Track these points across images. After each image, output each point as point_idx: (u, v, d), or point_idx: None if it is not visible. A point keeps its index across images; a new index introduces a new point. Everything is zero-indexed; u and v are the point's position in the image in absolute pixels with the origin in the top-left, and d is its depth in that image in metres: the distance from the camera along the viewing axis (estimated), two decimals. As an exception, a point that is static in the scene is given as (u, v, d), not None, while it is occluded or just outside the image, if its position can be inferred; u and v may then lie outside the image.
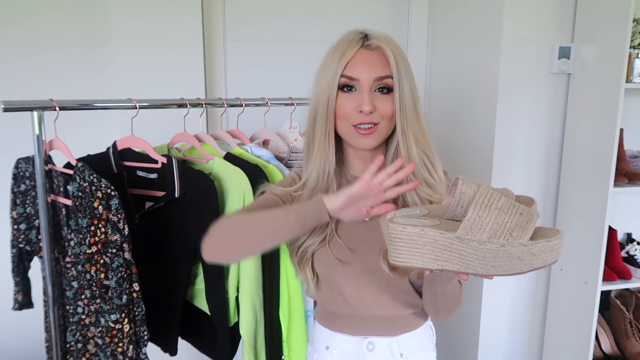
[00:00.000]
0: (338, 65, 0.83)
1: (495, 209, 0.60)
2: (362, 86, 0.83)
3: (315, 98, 0.87)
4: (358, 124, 0.83)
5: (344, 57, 0.83)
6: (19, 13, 1.70)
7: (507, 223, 0.60)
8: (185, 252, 1.16)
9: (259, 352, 1.20)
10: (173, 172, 1.10)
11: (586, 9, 1.64)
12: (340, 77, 0.83)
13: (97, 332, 1.07)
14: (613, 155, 1.51)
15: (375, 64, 0.83)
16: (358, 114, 0.83)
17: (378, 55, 0.83)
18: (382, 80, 0.83)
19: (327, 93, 0.84)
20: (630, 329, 1.80)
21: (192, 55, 1.74)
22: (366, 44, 0.84)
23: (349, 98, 0.84)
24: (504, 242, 0.60)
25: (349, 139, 0.86)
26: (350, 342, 0.93)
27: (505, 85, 1.67)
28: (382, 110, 0.83)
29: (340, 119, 0.85)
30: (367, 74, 0.82)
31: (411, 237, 0.64)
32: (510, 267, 0.61)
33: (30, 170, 1.12)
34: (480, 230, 0.60)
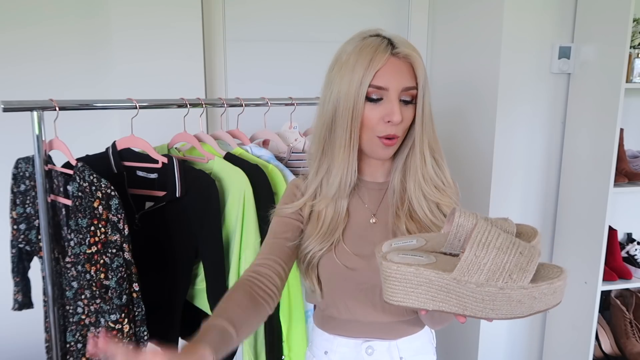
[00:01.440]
0: (366, 72, 0.79)
1: (494, 249, 0.57)
2: (390, 96, 0.80)
3: (332, 103, 0.82)
4: (385, 136, 0.81)
5: (373, 64, 0.78)
6: (19, 14, 1.70)
7: (506, 264, 0.56)
8: (186, 252, 1.16)
9: (259, 352, 1.20)
10: (174, 171, 1.10)
11: (586, 9, 1.64)
12: (369, 87, 0.79)
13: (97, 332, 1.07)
14: (613, 155, 1.51)
15: (404, 74, 0.80)
16: (386, 124, 0.80)
17: (406, 64, 0.81)
18: (408, 91, 0.81)
19: (353, 101, 0.80)
20: (631, 329, 1.80)
21: (192, 55, 1.74)
22: (394, 52, 0.80)
23: (375, 107, 0.81)
24: (503, 285, 0.56)
25: (369, 150, 0.85)
26: (349, 346, 0.92)
27: (505, 85, 1.67)
28: (406, 121, 0.82)
29: (364, 129, 0.82)
30: (396, 83, 0.80)
31: (406, 276, 0.61)
32: (510, 310, 0.57)
33: (30, 170, 1.12)
34: (477, 272, 0.57)
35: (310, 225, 0.89)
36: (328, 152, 0.86)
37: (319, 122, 0.87)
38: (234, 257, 1.16)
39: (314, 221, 0.89)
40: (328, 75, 0.85)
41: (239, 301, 0.75)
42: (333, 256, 0.87)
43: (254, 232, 1.13)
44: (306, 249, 0.88)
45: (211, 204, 1.10)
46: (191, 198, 1.11)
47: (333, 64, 0.84)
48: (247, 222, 1.13)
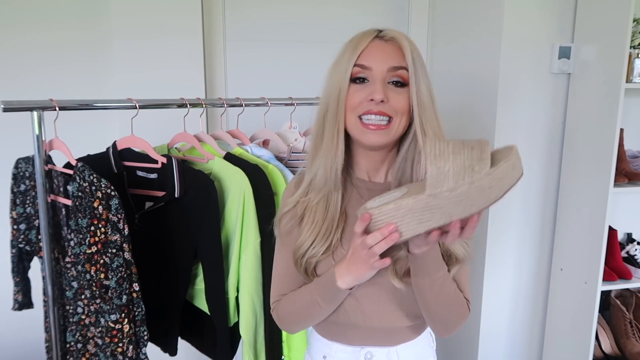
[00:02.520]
0: (351, 56, 0.79)
1: (449, 154, 0.63)
2: (374, 76, 0.78)
3: (325, 94, 0.83)
4: (365, 112, 0.78)
5: (357, 47, 0.79)
6: (19, 15, 1.70)
7: (465, 161, 0.62)
8: (185, 252, 1.16)
9: (259, 352, 1.20)
10: (173, 172, 1.10)
11: (586, 9, 1.64)
12: (353, 67, 0.78)
13: (97, 332, 1.07)
14: (613, 155, 1.51)
15: (390, 54, 0.79)
16: (368, 102, 0.78)
17: (393, 46, 0.80)
18: (397, 71, 0.78)
19: (339, 86, 0.79)
20: (631, 329, 1.80)
21: (192, 55, 1.74)
22: (380, 35, 0.80)
23: (360, 89, 0.79)
24: (470, 179, 0.61)
25: (356, 135, 0.81)
26: (348, 352, 0.91)
27: (505, 85, 1.67)
28: (395, 104, 0.78)
29: (349, 112, 0.80)
30: (380, 63, 0.78)
31: (389, 214, 0.66)
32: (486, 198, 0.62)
33: (30, 170, 1.12)
34: (445, 180, 0.62)
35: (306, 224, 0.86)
36: (319, 143, 0.84)
37: (317, 115, 0.86)
38: (233, 257, 1.16)
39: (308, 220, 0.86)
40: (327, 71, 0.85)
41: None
42: (332, 261, 0.84)
43: (254, 232, 1.13)
44: (303, 252, 0.85)
45: (210, 204, 1.10)
46: (190, 198, 1.11)
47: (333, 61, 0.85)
48: (247, 222, 1.13)
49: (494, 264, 1.81)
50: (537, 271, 1.88)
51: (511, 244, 1.83)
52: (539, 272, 1.88)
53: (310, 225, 0.85)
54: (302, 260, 0.85)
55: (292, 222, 0.88)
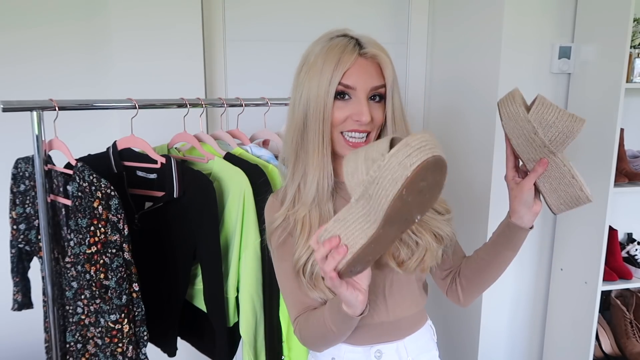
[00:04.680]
0: (334, 73, 0.79)
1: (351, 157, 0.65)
2: (358, 95, 0.81)
3: (302, 106, 0.83)
4: (350, 130, 0.81)
5: (341, 65, 0.79)
6: (19, 14, 1.70)
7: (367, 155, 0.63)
8: (185, 252, 1.16)
9: (259, 352, 1.20)
10: (172, 172, 1.10)
11: (586, 8, 1.64)
12: (338, 85, 0.80)
13: (97, 332, 1.07)
14: (613, 155, 1.51)
15: (372, 74, 0.82)
16: (354, 122, 0.81)
17: (374, 64, 0.82)
18: (377, 89, 0.82)
19: (323, 102, 0.80)
20: (631, 329, 1.80)
21: (192, 56, 1.74)
22: (362, 52, 0.81)
23: (343, 106, 0.81)
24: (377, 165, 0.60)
25: (337, 149, 0.84)
26: (358, 352, 0.91)
27: (506, 85, 1.67)
28: (377, 119, 0.83)
29: (333, 129, 0.83)
30: (364, 83, 0.81)
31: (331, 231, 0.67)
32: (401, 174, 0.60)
33: (30, 170, 1.12)
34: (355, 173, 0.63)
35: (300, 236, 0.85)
36: (302, 156, 0.84)
37: (290, 125, 0.86)
38: (233, 257, 1.16)
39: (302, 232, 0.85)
40: (296, 77, 0.86)
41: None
42: None
43: (254, 232, 1.13)
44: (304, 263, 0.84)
45: (209, 204, 1.10)
46: (189, 198, 1.11)
47: (301, 65, 0.86)
48: (247, 222, 1.13)
49: (494, 264, 1.80)
50: (537, 271, 1.88)
51: (511, 244, 1.83)
52: (539, 272, 1.88)
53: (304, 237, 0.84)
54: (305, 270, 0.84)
55: (285, 234, 0.88)
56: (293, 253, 0.85)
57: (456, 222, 0.97)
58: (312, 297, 0.85)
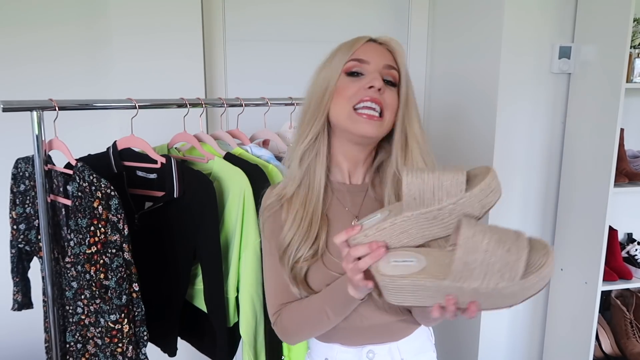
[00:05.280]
0: (345, 54, 0.82)
1: (482, 252, 0.57)
2: (371, 69, 0.81)
3: (310, 93, 0.85)
4: (360, 101, 0.79)
5: (352, 47, 0.83)
6: (19, 14, 1.70)
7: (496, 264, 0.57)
8: (185, 252, 1.16)
9: (259, 352, 1.20)
10: (172, 172, 1.10)
11: (586, 8, 1.64)
12: (349, 61, 0.81)
13: (97, 332, 1.07)
14: (613, 155, 1.51)
15: (384, 54, 0.83)
16: (366, 90, 0.79)
17: (385, 49, 0.85)
18: (390, 69, 0.82)
19: (327, 79, 0.82)
20: (631, 329, 1.80)
21: (192, 55, 1.74)
22: (373, 39, 0.85)
23: (357, 81, 0.81)
24: (495, 285, 0.58)
25: (348, 125, 0.81)
26: (350, 353, 0.91)
27: (505, 85, 1.67)
28: (388, 98, 0.81)
29: (339, 102, 0.81)
30: (377, 58, 0.82)
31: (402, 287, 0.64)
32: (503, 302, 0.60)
33: (30, 170, 1.12)
34: (469, 277, 0.58)
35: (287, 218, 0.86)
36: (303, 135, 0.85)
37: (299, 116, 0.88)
38: (233, 257, 1.16)
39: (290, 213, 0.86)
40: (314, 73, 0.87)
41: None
42: (323, 266, 0.85)
43: (254, 232, 1.13)
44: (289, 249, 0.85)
45: (209, 204, 1.10)
46: (189, 198, 1.11)
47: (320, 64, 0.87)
48: (247, 222, 1.12)
49: (494, 264, 1.80)
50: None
51: (511, 244, 1.82)
52: (539, 272, 1.88)
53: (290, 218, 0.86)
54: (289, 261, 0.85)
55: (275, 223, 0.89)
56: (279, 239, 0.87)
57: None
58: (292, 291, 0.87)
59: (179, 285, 1.20)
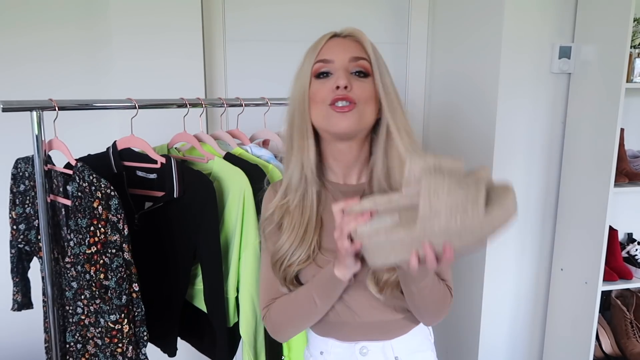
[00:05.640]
0: (311, 56, 0.83)
1: (444, 193, 0.62)
2: (337, 67, 0.81)
3: (291, 100, 0.86)
4: (334, 100, 0.79)
5: (317, 47, 0.83)
6: (19, 14, 1.70)
7: (459, 201, 0.62)
8: (185, 252, 1.16)
9: (259, 352, 1.20)
10: (172, 172, 1.10)
11: (586, 8, 1.64)
12: (315, 64, 0.82)
13: (97, 332, 1.07)
14: (613, 155, 1.51)
15: (349, 46, 0.82)
16: (334, 91, 0.79)
17: (351, 41, 0.84)
18: (358, 61, 0.81)
19: (302, 86, 0.82)
20: (631, 329, 1.80)
21: (192, 55, 1.74)
22: (337, 33, 0.85)
23: (325, 82, 0.81)
24: (462, 219, 0.61)
25: (326, 124, 0.81)
26: (343, 347, 0.92)
27: (505, 85, 1.67)
28: (359, 90, 0.80)
29: (316, 106, 0.81)
30: (341, 54, 0.81)
31: (379, 244, 0.68)
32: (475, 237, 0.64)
33: (30, 170, 1.12)
34: (436, 219, 0.62)
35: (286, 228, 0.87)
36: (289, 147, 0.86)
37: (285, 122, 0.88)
38: (233, 257, 1.15)
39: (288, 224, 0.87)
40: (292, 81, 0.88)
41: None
42: (315, 268, 0.85)
43: (254, 232, 1.13)
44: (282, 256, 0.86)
45: (209, 205, 1.10)
46: (189, 198, 1.11)
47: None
48: (247, 222, 1.12)
49: (494, 264, 1.80)
50: (538, 271, 1.88)
51: (511, 244, 1.83)
52: (539, 272, 1.88)
53: (289, 229, 0.86)
54: (281, 265, 0.86)
55: (273, 226, 0.90)
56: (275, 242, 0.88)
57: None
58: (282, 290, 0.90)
59: (179, 285, 1.20)
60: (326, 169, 0.90)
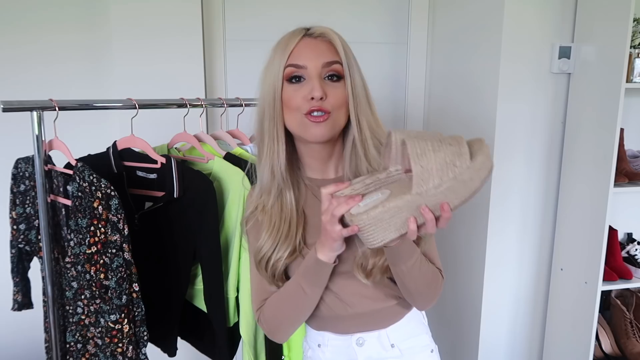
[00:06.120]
0: (282, 56, 0.80)
1: (430, 152, 0.65)
2: (310, 74, 0.79)
3: (261, 99, 0.84)
4: (309, 111, 0.79)
5: (287, 47, 0.80)
6: (19, 15, 1.70)
7: (446, 157, 0.65)
8: (185, 252, 1.16)
9: (259, 352, 1.20)
10: (172, 172, 1.10)
11: (586, 8, 1.64)
12: (286, 67, 0.79)
13: (97, 332, 1.07)
14: (613, 155, 1.51)
15: (322, 50, 0.80)
16: (309, 101, 0.78)
17: (323, 42, 0.81)
18: (331, 65, 0.80)
19: (273, 87, 0.81)
20: (631, 329, 1.80)
21: (192, 55, 1.74)
22: (309, 33, 0.81)
23: (298, 88, 0.80)
24: (454, 174, 0.65)
25: (301, 132, 0.81)
26: (340, 340, 0.93)
27: (505, 85, 1.67)
28: (333, 98, 0.79)
29: (290, 112, 0.81)
30: (314, 60, 0.79)
31: (378, 217, 0.68)
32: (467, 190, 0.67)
33: (30, 171, 1.12)
34: (430, 178, 0.65)
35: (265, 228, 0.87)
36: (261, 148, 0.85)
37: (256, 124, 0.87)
38: (233, 257, 1.16)
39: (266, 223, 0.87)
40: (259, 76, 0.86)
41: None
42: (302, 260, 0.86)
43: (254, 232, 1.13)
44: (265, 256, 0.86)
45: (209, 205, 1.10)
46: (189, 198, 1.11)
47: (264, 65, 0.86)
48: (247, 222, 1.12)
49: (494, 264, 1.81)
50: (537, 271, 1.88)
51: (511, 244, 1.83)
52: (539, 272, 1.88)
53: (268, 228, 0.87)
54: (267, 264, 0.86)
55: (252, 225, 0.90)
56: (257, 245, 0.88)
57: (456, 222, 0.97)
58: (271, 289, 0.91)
59: (179, 285, 1.20)
60: (303, 165, 0.91)
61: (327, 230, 0.75)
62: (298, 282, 0.85)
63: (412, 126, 2.14)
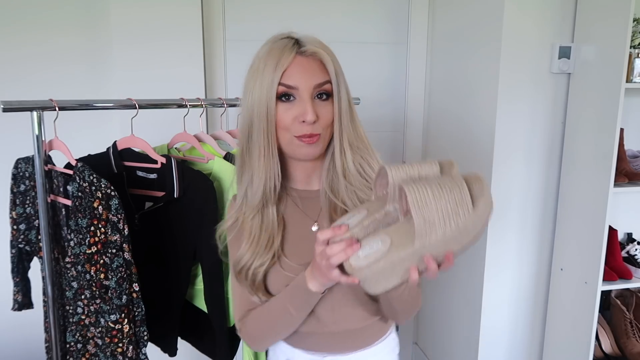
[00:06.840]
0: (274, 74, 0.79)
1: (432, 201, 0.62)
2: (302, 95, 0.79)
3: (249, 110, 0.82)
4: (301, 135, 0.79)
5: (280, 65, 0.79)
6: (19, 15, 1.70)
7: (448, 206, 0.63)
8: (185, 252, 1.16)
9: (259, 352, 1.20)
10: (172, 172, 1.10)
11: (586, 8, 1.64)
12: (279, 86, 0.79)
13: (97, 332, 1.07)
14: (613, 155, 1.51)
15: (314, 71, 0.80)
16: (301, 124, 0.79)
17: (315, 61, 0.81)
18: (322, 86, 0.80)
19: (265, 104, 0.79)
20: (631, 329, 1.80)
21: (192, 55, 1.74)
22: (301, 51, 0.80)
23: (289, 108, 0.79)
24: (456, 224, 0.63)
25: (290, 151, 0.83)
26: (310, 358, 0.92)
27: (505, 85, 1.67)
28: (324, 119, 0.80)
29: (280, 130, 0.81)
30: (306, 81, 0.79)
31: (379, 271, 0.66)
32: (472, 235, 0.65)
33: (30, 171, 1.12)
34: (433, 230, 0.63)
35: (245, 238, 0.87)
36: (247, 160, 0.84)
37: (240, 131, 0.86)
38: (233, 257, 1.16)
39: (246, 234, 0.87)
40: (245, 82, 0.85)
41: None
42: (281, 270, 0.85)
43: (254, 232, 1.13)
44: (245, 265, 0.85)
45: (209, 204, 1.10)
46: (189, 198, 1.11)
47: (248, 70, 0.85)
48: (247, 222, 1.12)
49: (494, 264, 1.81)
50: (538, 271, 1.88)
51: (511, 244, 1.83)
52: (539, 272, 1.88)
53: (248, 239, 0.86)
54: (247, 274, 0.86)
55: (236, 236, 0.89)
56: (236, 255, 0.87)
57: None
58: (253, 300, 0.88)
59: (179, 285, 1.20)
60: (288, 175, 0.90)
61: (323, 272, 0.73)
62: (285, 305, 0.83)
63: (411, 126, 2.14)
